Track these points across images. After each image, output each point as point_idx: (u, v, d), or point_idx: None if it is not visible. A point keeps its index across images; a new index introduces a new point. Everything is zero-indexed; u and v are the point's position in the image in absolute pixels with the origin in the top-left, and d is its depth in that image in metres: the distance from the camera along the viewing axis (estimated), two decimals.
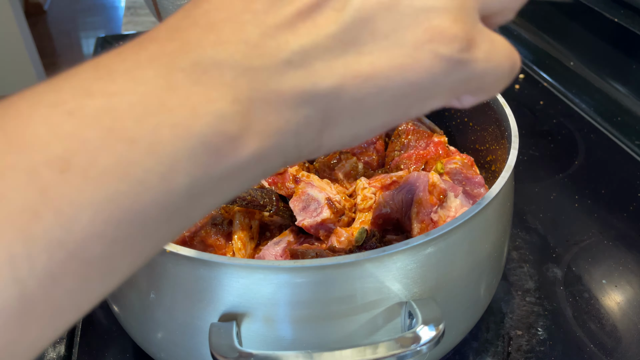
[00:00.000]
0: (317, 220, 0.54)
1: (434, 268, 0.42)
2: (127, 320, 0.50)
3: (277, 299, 0.40)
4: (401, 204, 0.54)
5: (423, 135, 0.64)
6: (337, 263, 0.38)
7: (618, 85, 1.02)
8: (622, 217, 0.76)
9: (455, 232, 0.42)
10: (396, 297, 0.41)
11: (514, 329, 0.62)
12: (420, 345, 0.38)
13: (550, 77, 1.10)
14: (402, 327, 0.43)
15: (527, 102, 1.03)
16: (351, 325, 0.42)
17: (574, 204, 0.79)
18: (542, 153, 0.89)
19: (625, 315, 0.63)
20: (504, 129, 0.55)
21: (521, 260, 0.70)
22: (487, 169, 0.63)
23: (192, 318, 0.43)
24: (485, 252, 0.47)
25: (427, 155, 0.62)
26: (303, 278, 0.39)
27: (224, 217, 0.56)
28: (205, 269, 0.40)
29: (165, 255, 0.41)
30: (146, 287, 0.44)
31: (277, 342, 0.42)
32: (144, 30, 1.19)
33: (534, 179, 0.84)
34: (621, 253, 0.71)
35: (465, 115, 0.66)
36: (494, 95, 0.32)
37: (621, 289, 0.66)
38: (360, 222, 0.56)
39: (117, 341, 0.60)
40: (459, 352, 0.59)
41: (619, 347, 0.59)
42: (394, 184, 0.57)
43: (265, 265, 0.39)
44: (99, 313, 0.64)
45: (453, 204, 0.55)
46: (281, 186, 0.57)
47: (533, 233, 0.74)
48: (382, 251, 0.39)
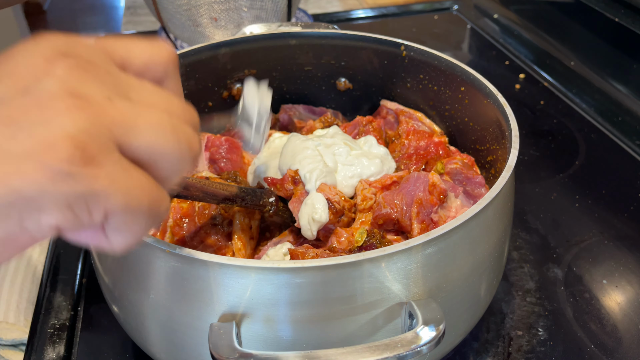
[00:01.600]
0: None
1: (434, 268, 0.42)
2: (127, 321, 0.50)
3: (277, 299, 0.40)
4: (401, 204, 0.53)
5: (423, 135, 0.64)
6: (337, 263, 0.38)
7: (618, 85, 1.02)
8: (622, 217, 0.76)
9: (456, 232, 0.42)
10: (396, 297, 0.41)
11: (514, 329, 0.62)
12: (420, 346, 0.38)
13: (550, 76, 1.10)
14: (402, 328, 0.43)
15: (527, 102, 1.03)
16: (351, 326, 0.42)
17: (575, 204, 0.79)
18: (542, 153, 0.89)
19: (626, 315, 0.63)
20: (505, 129, 0.55)
21: (522, 260, 0.70)
22: (487, 169, 0.63)
23: (192, 318, 0.42)
24: (486, 252, 0.47)
25: (428, 155, 0.62)
26: (303, 278, 0.39)
27: (224, 217, 0.56)
28: (205, 269, 0.40)
29: (165, 255, 0.41)
30: (146, 287, 0.44)
31: (277, 342, 0.42)
32: (143, 30, 1.19)
33: (534, 179, 0.84)
34: (622, 253, 0.71)
35: (465, 115, 0.66)
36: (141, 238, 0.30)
37: (622, 289, 0.66)
38: (360, 223, 0.56)
39: (117, 341, 0.60)
40: (460, 353, 0.59)
41: (619, 348, 0.59)
42: (394, 184, 0.57)
43: (265, 265, 0.39)
44: (99, 313, 0.64)
45: (453, 204, 0.55)
46: (280, 187, 0.57)
47: (533, 233, 0.74)
48: (382, 251, 0.39)
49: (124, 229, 0.28)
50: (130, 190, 0.27)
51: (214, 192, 0.51)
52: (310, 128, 0.72)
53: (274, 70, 0.75)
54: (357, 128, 0.69)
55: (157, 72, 0.33)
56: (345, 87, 0.78)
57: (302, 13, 1.11)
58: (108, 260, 0.48)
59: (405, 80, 0.72)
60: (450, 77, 0.65)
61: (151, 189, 0.28)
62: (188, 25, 0.92)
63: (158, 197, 0.29)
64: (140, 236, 0.29)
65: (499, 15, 1.32)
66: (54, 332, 0.61)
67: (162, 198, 0.29)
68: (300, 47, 0.74)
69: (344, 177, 0.57)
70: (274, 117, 0.78)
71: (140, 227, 0.28)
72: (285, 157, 0.59)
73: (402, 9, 1.39)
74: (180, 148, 0.29)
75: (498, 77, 1.11)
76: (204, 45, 0.69)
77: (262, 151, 0.67)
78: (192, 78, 0.70)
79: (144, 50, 0.32)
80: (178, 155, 0.29)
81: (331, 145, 0.59)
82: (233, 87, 0.75)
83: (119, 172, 0.26)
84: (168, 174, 0.30)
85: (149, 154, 0.28)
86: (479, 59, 1.22)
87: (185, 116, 0.31)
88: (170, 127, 0.29)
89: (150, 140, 0.28)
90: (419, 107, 0.72)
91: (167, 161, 0.29)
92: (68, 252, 0.72)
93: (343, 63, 0.75)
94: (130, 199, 0.27)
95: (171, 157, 0.29)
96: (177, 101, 0.31)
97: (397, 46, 0.70)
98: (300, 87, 0.78)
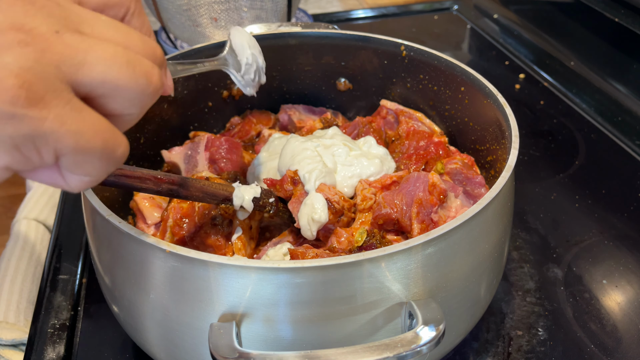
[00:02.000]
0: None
1: (434, 268, 0.42)
2: (127, 320, 0.50)
3: (277, 299, 0.40)
4: (401, 204, 0.53)
5: (423, 135, 0.64)
6: (337, 263, 0.38)
7: (618, 85, 1.02)
8: (622, 217, 0.76)
9: (456, 232, 0.42)
10: (396, 297, 0.41)
11: (514, 329, 0.62)
12: (420, 346, 0.38)
13: (550, 77, 1.10)
14: (402, 328, 0.43)
15: (527, 102, 1.03)
16: (351, 326, 0.42)
17: (574, 204, 0.79)
18: (542, 153, 0.89)
19: (626, 315, 0.63)
20: (505, 129, 0.55)
21: (521, 260, 0.70)
22: (487, 169, 0.63)
23: (192, 318, 0.42)
24: (486, 252, 0.47)
25: (427, 155, 0.62)
26: (303, 278, 0.39)
27: (224, 217, 0.56)
28: (205, 269, 0.40)
29: (165, 255, 0.41)
30: (146, 287, 0.44)
31: (277, 342, 0.42)
32: None
33: (534, 179, 0.84)
34: (622, 253, 0.71)
35: (465, 115, 0.66)
36: (99, 180, 0.29)
37: (622, 289, 0.66)
38: (360, 223, 0.56)
39: (117, 341, 0.60)
40: (459, 352, 0.59)
41: (619, 348, 0.59)
42: (394, 184, 0.57)
43: (265, 265, 0.39)
44: (99, 313, 0.64)
45: (453, 204, 0.55)
46: (279, 188, 0.57)
47: (533, 233, 0.74)
48: (382, 251, 0.39)
49: (78, 170, 0.28)
50: (81, 132, 0.26)
51: (214, 192, 0.51)
52: (310, 128, 0.72)
53: (274, 70, 0.75)
54: (357, 128, 0.69)
55: (117, 8, 0.31)
56: (345, 87, 0.78)
57: (302, 13, 1.11)
58: (108, 260, 0.48)
59: (405, 80, 0.72)
60: (450, 77, 0.65)
61: (105, 131, 0.27)
62: (188, 25, 0.92)
63: (113, 138, 0.28)
64: (97, 178, 0.29)
65: (499, 15, 1.32)
66: (54, 332, 0.61)
67: (117, 139, 0.28)
68: (300, 47, 0.74)
69: (344, 178, 0.57)
70: (274, 117, 0.78)
71: (94, 169, 0.28)
72: (285, 159, 0.59)
73: (402, 9, 1.39)
74: (137, 81, 0.28)
75: (498, 77, 1.11)
76: (204, 45, 0.69)
77: (262, 152, 0.67)
78: (192, 78, 0.70)
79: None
80: (134, 87, 0.28)
81: (330, 146, 0.59)
82: (233, 87, 0.75)
83: (68, 113, 0.26)
84: (125, 108, 0.29)
85: (102, 88, 0.27)
86: (479, 59, 1.22)
87: (146, 50, 0.30)
88: (125, 59, 0.28)
89: (102, 74, 0.27)
90: (419, 107, 0.72)
91: (123, 94, 0.28)
92: (68, 252, 0.72)
93: (343, 63, 0.75)
94: (81, 140, 0.26)
95: (127, 90, 0.28)
96: (136, 35, 0.30)
97: (397, 46, 0.70)
98: (300, 87, 0.78)
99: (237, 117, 0.78)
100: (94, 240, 0.50)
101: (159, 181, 0.47)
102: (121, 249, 0.44)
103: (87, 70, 0.26)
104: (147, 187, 0.46)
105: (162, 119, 0.68)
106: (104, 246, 0.47)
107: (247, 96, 0.58)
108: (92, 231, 0.49)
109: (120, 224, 0.42)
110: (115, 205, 0.61)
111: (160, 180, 0.47)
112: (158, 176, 0.47)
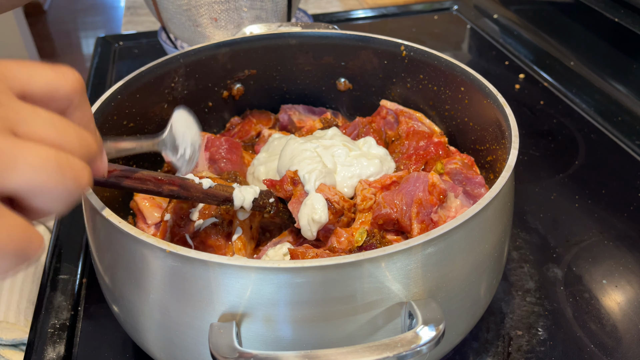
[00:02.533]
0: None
1: (434, 268, 0.42)
2: (127, 321, 0.50)
3: (277, 299, 0.40)
4: (401, 204, 0.54)
5: (423, 135, 0.64)
6: (337, 263, 0.38)
7: (618, 85, 1.02)
8: (622, 217, 0.76)
9: (456, 232, 0.42)
10: (396, 297, 0.41)
11: (514, 329, 0.62)
12: (420, 346, 0.38)
13: (550, 77, 1.10)
14: (402, 328, 0.43)
15: (527, 102, 1.03)
16: (351, 326, 0.42)
17: (574, 204, 0.79)
18: (542, 153, 0.89)
19: (626, 315, 0.63)
20: (504, 129, 0.55)
21: (521, 260, 0.70)
22: (487, 169, 0.63)
23: (192, 318, 0.42)
24: (486, 252, 0.47)
25: (427, 155, 0.62)
26: (303, 278, 0.39)
27: (224, 217, 0.56)
28: (205, 269, 0.40)
29: (165, 255, 0.41)
30: (146, 287, 0.44)
31: (277, 342, 0.42)
32: (143, 30, 1.19)
33: (534, 179, 0.84)
34: (622, 253, 0.71)
35: (465, 115, 0.66)
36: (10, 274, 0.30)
37: (622, 289, 0.66)
38: (360, 223, 0.56)
39: (117, 341, 0.60)
40: (459, 352, 0.59)
41: (619, 348, 0.59)
42: (394, 184, 0.57)
43: (265, 265, 0.39)
44: (99, 313, 0.64)
45: (453, 204, 0.55)
46: (279, 188, 0.57)
47: (533, 233, 0.74)
48: (382, 251, 0.39)
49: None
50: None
51: (214, 192, 0.51)
52: (310, 128, 0.72)
53: (274, 70, 0.75)
54: (356, 129, 0.69)
55: (60, 101, 0.32)
56: (345, 87, 0.78)
57: (302, 13, 1.11)
58: (108, 260, 0.48)
59: (405, 81, 0.72)
60: (450, 77, 0.65)
61: (19, 233, 0.28)
62: (188, 26, 0.92)
63: (27, 239, 0.28)
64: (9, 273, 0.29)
65: (498, 15, 1.32)
66: (54, 332, 0.61)
67: (32, 240, 0.28)
68: (300, 47, 0.74)
69: (344, 178, 0.57)
70: (274, 117, 0.78)
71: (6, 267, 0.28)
72: (284, 160, 0.59)
73: (402, 9, 1.40)
74: (65, 183, 0.28)
75: (498, 77, 1.11)
76: (204, 45, 0.69)
77: (261, 152, 0.67)
78: (192, 78, 0.70)
79: (46, 78, 0.31)
80: (61, 190, 0.29)
81: (330, 146, 0.59)
82: (233, 87, 0.75)
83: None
84: (48, 206, 0.29)
85: (29, 192, 0.28)
86: (479, 59, 1.22)
87: (81, 147, 0.30)
88: (55, 164, 0.28)
89: (30, 180, 0.27)
90: (418, 107, 0.72)
91: (48, 196, 0.28)
92: (68, 252, 0.72)
93: (343, 63, 0.75)
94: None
95: (53, 193, 0.28)
96: (73, 131, 0.30)
97: (397, 46, 0.70)
98: (300, 87, 0.78)
99: (237, 117, 0.78)
100: (94, 240, 0.50)
101: (160, 182, 0.47)
102: (121, 249, 0.44)
103: (16, 176, 0.27)
104: (147, 188, 0.47)
105: (162, 119, 0.68)
106: (104, 246, 0.47)
107: (247, 96, 0.58)
108: (92, 231, 0.49)
109: (120, 224, 0.42)
110: (115, 205, 0.61)
111: (161, 182, 0.47)
112: (159, 177, 0.47)
